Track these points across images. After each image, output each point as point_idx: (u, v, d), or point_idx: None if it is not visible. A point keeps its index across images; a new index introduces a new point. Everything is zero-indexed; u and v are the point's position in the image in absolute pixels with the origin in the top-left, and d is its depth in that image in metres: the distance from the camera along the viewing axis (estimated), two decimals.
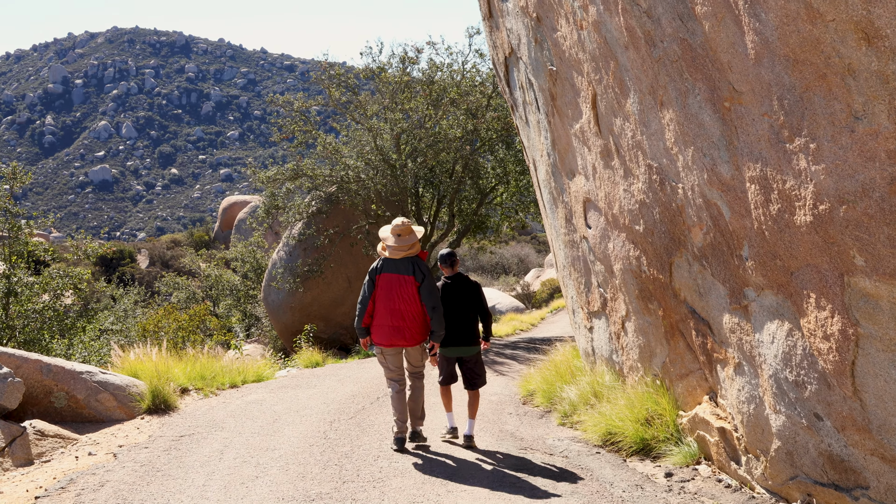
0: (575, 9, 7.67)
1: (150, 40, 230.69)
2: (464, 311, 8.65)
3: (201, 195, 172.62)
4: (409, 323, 8.23)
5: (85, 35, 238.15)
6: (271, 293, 27.10)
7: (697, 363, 7.37)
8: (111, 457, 8.30)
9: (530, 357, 16.64)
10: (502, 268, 54.64)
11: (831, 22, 4.12)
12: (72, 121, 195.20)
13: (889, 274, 4.30)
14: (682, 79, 5.88)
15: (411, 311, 8.21)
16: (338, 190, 24.16)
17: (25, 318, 16.44)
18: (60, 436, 8.98)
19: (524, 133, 11.81)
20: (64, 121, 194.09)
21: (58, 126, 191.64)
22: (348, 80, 25.14)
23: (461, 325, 8.59)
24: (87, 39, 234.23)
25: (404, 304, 8.19)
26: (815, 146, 4.51)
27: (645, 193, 7.29)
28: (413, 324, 8.24)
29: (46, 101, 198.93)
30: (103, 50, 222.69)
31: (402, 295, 8.20)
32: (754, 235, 5.48)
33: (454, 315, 8.56)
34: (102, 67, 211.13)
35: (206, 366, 13.01)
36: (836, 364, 4.89)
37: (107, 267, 49.50)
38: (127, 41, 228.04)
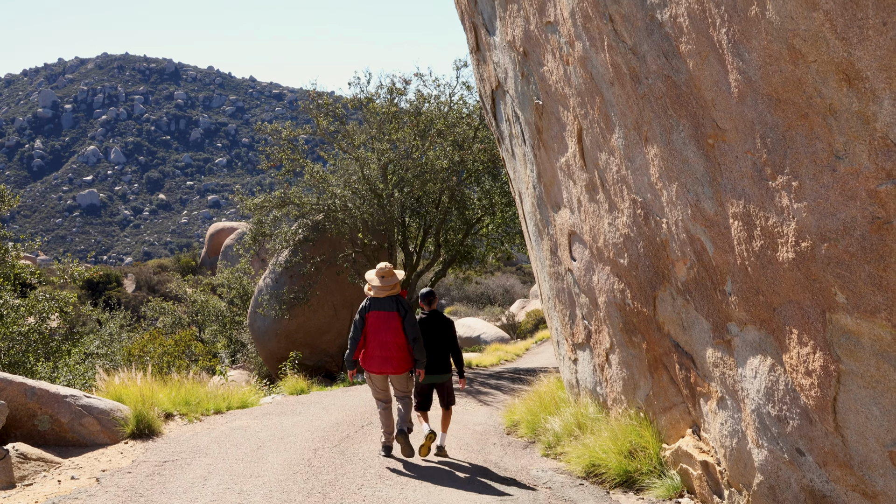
0: (561, 44, 7.74)
1: (139, 67, 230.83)
2: (437, 344, 9.80)
3: (189, 221, 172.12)
4: (396, 353, 9.28)
5: (75, 61, 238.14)
6: (257, 320, 26.98)
7: (681, 396, 7.37)
8: (94, 481, 8.21)
9: (515, 387, 16.60)
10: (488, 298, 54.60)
11: (813, 63, 4.16)
12: (61, 145, 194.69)
13: (870, 311, 4.32)
14: (667, 115, 5.93)
15: (397, 343, 9.29)
16: (325, 218, 24.15)
17: (10, 341, 16.31)
18: (43, 459, 8.87)
19: (510, 165, 11.86)
20: (53, 145, 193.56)
21: (46, 150, 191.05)
22: (336, 110, 25.19)
23: (435, 356, 9.74)
24: (77, 65, 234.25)
25: (392, 336, 9.27)
26: (798, 184, 4.54)
27: (629, 227, 7.31)
28: (399, 353, 9.29)
29: (36, 126, 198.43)
30: (93, 75, 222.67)
31: (388, 328, 9.28)
32: (737, 271, 5.50)
33: (429, 347, 9.68)
34: (92, 93, 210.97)
35: (191, 391, 12.92)
36: (818, 400, 4.90)
37: (93, 291, 49.19)
38: (117, 67, 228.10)
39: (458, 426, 12.04)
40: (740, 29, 4.60)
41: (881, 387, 4.46)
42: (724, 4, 4.70)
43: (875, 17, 3.77)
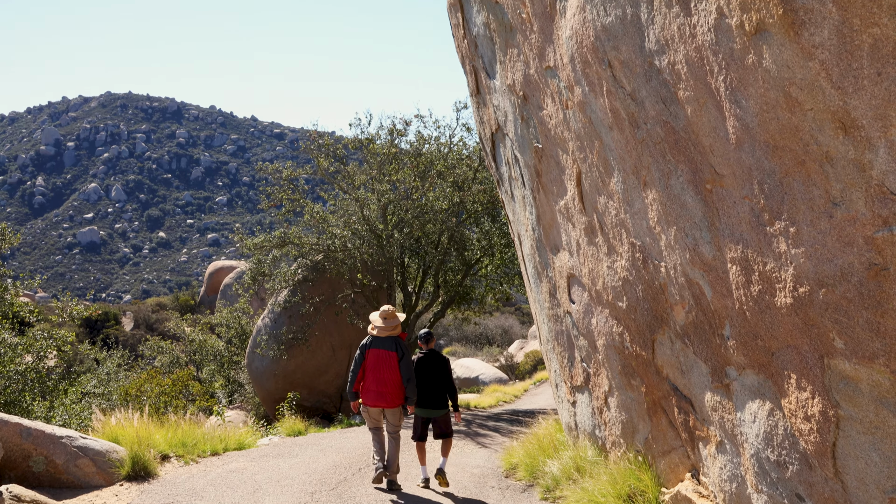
0: (561, 89, 7.81)
1: (142, 105, 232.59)
2: (434, 381, 10.65)
3: (188, 259, 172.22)
4: (391, 389, 10.17)
5: (79, 99, 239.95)
6: (255, 360, 26.89)
7: (680, 440, 7.33)
8: None
9: (513, 430, 16.51)
10: (486, 338, 54.47)
11: (809, 111, 4.20)
12: (62, 182, 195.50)
13: (868, 357, 4.32)
14: (665, 160, 5.97)
15: (393, 380, 10.19)
16: (324, 258, 24.17)
17: (7, 380, 16.23)
18: (37, 501, 8.79)
19: (510, 207, 11.90)
20: (55, 182, 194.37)
21: (48, 187, 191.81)
22: (337, 150, 25.32)
23: (432, 392, 10.61)
24: (80, 103, 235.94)
25: (388, 374, 10.17)
26: (795, 230, 4.56)
27: (628, 271, 7.33)
28: (393, 390, 10.20)
29: (38, 163, 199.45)
30: (96, 114, 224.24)
31: (386, 366, 10.18)
32: (736, 315, 5.50)
33: (426, 383, 10.60)
34: (95, 131, 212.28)
35: (188, 432, 12.84)
36: (818, 445, 4.88)
37: (91, 329, 49.06)
38: (120, 106, 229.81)
39: (455, 468, 11.95)
40: (738, 77, 4.65)
41: (880, 433, 4.45)
42: (721, 53, 4.75)
43: (870, 67, 3.81)
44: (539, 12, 7.87)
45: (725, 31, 4.66)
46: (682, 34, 5.21)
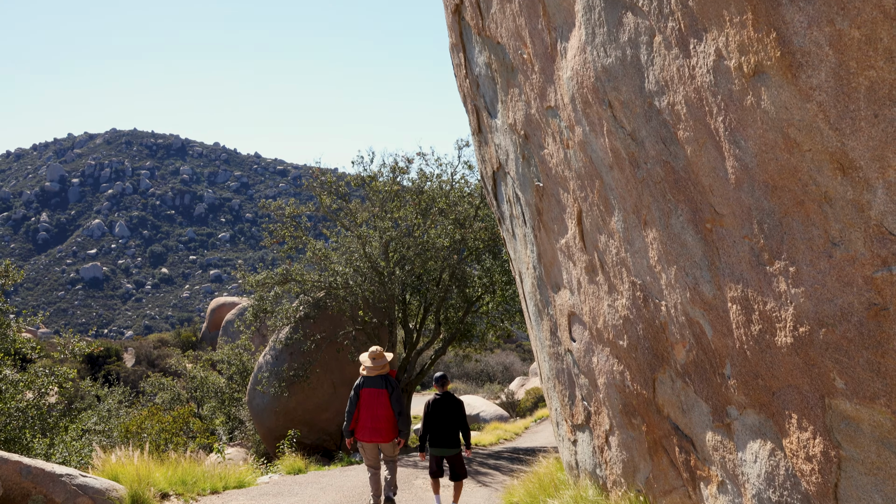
0: (561, 128, 7.85)
1: (147, 142, 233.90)
2: (449, 422, 11.24)
3: (190, 295, 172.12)
4: (384, 424, 10.81)
5: (84, 136, 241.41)
6: (256, 397, 26.77)
7: (681, 480, 7.27)
8: None
9: (514, 468, 16.40)
10: (487, 375, 54.25)
11: (808, 152, 4.22)
12: (66, 218, 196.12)
13: (869, 398, 4.30)
14: (665, 199, 5.98)
15: (386, 415, 10.82)
16: (326, 295, 24.15)
17: (8, 416, 16.17)
18: None
19: (511, 245, 11.91)
20: (59, 218, 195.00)
21: (52, 223, 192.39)
22: (339, 188, 25.40)
23: (446, 433, 11.22)
24: (85, 140, 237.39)
25: (381, 410, 10.81)
26: (795, 270, 4.56)
27: (629, 309, 7.32)
28: (386, 425, 10.82)
29: (43, 199, 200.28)
30: (101, 150, 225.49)
31: (379, 403, 10.81)
32: (736, 354, 5.49)
33: (441, 425, 11.24)
34: (99, 167, 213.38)
35: (188, 470, 12.76)
36: (819, 486, 4.84)
37: (93, 365, 48.90)
38: (125, 142, 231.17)
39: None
40: (737, 118, 4.68)
41: (882, 474, 4.42)
42: (720, 94, 4.79)
43: (867, 109, 3.84)
44: (540, 53, 7.94)
45: (724, 73, 4.70)
46: (681, 75, 5.25)
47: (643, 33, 5.69)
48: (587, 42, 6.60)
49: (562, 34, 7.25)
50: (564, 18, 7.13)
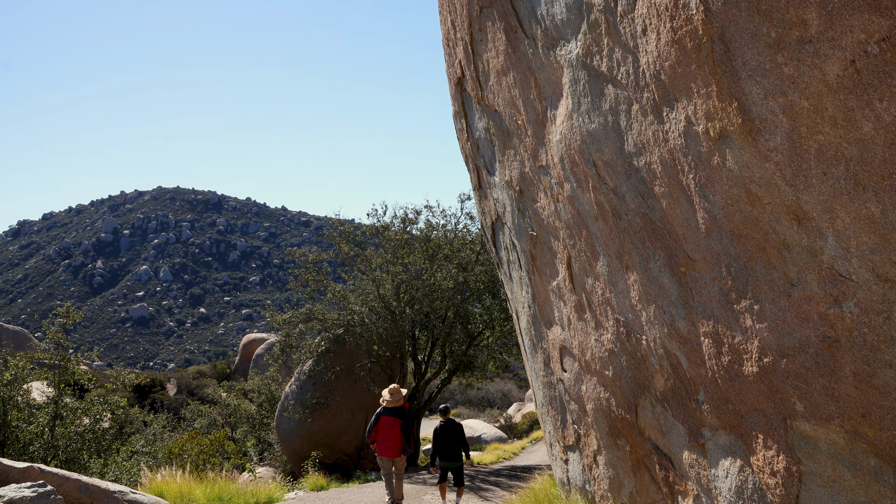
0: (552, 185, 7.91)
1: (188, 198, 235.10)
2: (453, 442, 12.90)
3: (225, 332, 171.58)
4: (394, 444, 12.53)
5: (134, 193, 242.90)
6: (283, 422, 26.59)
7: (661, 494, 7.21)
8: None
9: (512, 484, 16.24)
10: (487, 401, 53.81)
11: (767, 204, 4.27)
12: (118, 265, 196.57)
13: (825, 419, 4.30)
14: (644, 246, 6.02)
15: (396, 438, 12.54)
16: (344, 332, 24.11)
17: (68, 440, 16.13)
18: None
19: (508, 287, 11.92)
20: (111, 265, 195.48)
21: (106, 269, 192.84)
22: (356, 237, 25.48)
23: (451, 450, 12.91)
24: (135, 196, 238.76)
25: (394, 434, 12.54)
26: (759, 307, 4.58)
27: (613, 343, 7.32)
28: (395, 445, 12.55)
29: (98, 248, 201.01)
30: (149, 205, 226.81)
31: (392, 429, 12.55)
32: (709, 382, 5.48)
33: (447, 444, 12.91)
34: (147, 220, 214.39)
35: (224, 487, 12.66)
36: (783, 498, 4.81)
37: (140, 394, 48.59)
38: (169, 198, 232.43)
39: None
40: (705, 175, 4.73)
41: (837, 486, 4.40)
42: (691, 154, 4.85)
43: (817, 167, 3.89)
44: (532, 119, 8.03)
45: (693, 137, 4.76)
46: (656, 139, 5.32)
47: (622, 102, 5.77)
48: (573, 110, 6.69)
49: (551, 103, 7.34)
50: (553, 90, 7.22)
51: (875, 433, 4.06)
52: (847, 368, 4.07)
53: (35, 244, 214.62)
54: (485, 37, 9.12)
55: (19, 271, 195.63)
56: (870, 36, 3.58)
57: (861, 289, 3.89)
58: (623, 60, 5.54)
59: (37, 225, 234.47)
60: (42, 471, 9.65)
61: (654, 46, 4.94)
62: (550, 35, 6.90)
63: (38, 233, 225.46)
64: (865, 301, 3.89)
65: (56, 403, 16.22)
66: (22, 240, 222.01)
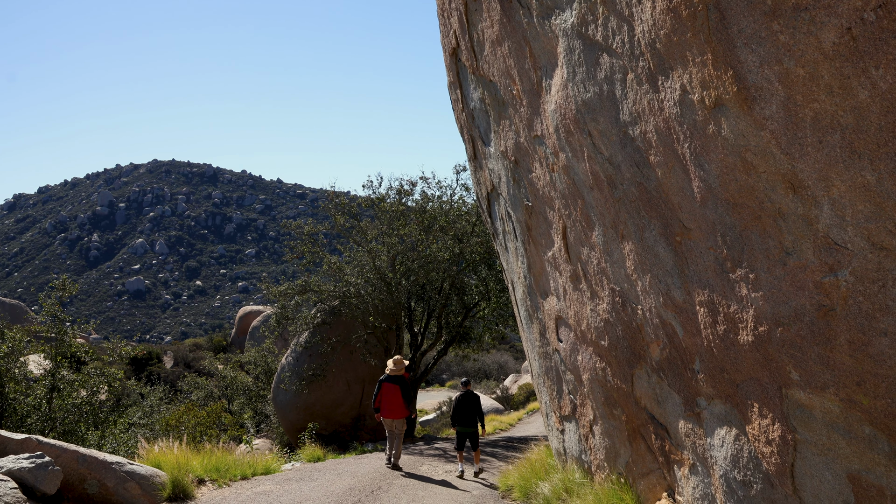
0: (547, 155, 7.88)
1: (183, 170, 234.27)
2: (470, 410, 14.18)
3: (221, 304, 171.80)
4: (396, 408, 14.22)
5: (129, 166, 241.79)
6: (279, 394, 26.68)
7: (657, 463, 7.27)
8: None
9: (508, 455, 16.36)
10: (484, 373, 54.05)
11: (763, 173, 4.25)
12: (114, 238, 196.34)
13: (820, 387, 4.31)
14: (640, 216, 6.01)
15: (398, 402, 14.22)
16: (340, 304, 24.12)
17: (65, 412, 16.18)
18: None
19: (504, 258, 11.93)
20: (107, 238, 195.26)
21: (102, 243, 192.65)
22: (351, 209, 25.39)
23: (468, 417, 14.18)
24: (131, 169, 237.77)
25: (395, 398, 14.23)
26: (754, 276, 4.58)
27: (609, 313, 7.33)
28: (398, 408, 14.21)
29: (94, 222, 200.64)
30: (144, 178, 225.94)
31: (394, 394, 14.23)
32: (704, 352, 5.50)
33: (465, 412, 14.18)
34: (142, 193, 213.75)
35: (221, 459, 12.72)
36: (778, 466, 4.85)
37: (137, 366, 48.67)
38: (164, 171, 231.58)
39: (458, 490, 11.83)
40: (701, 144, 4.71)
41: (832, 454, 4.43)
42: (686, 123, 4.81)
43: (812, 136, 3.87)
44: (527, 89, 7.97)
45: (689, 105, 4.73)
46: (651, 108, 5.28)
47: (617, 71, 5.73)
48: (569, 79, 6.64)
49: (546, 73, 7.29)
50: (548, 59, 7.16)
51: (870, 401, 4.07)
52: (842, 337, 4.07)
53: (31, 218, 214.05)
54: (479, 6, 9.03)
55: (15, 245, 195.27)
56: (866, 3, 3.54)
57: (856, 257, 3.89)
58: (618, 29, 5.49)
59: (32, 198, 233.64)
60: (40, 442, 9.69)
61: (649, 15, 4.89)
62: (545, 4, 6.82)
63: (34, 206, 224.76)
64: (861, 269, 3.89)
65: (53, 376, 16.26)
66: (18, 213, 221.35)
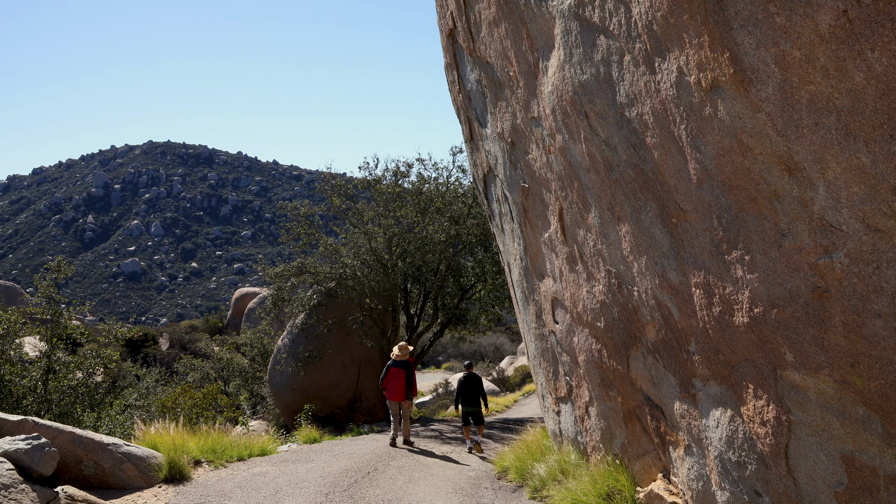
0: (544, 136, 7.87)
1: (179, 152, 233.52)
2: (474, 391, 15.30)
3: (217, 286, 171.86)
4: (400, 391, 15.04)
5: (125, 147, 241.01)
6: (276, 375, 26.75)
7: (652, 444, 7.32)
8: None
9: (505, 436, 16.45)
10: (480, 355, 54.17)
11: (759, 155, 4.26)
12: (109, 220, 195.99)
13: (814, 368, 4.34)
14: (636, 198, 6.01)
15: (402, 385, 15.04)
16: (336, 285, 24.15)
17: (61, 393, 16.21)
18: (88, 501, 8.74)
19: (500, 240, 11.93)
20: (102, 220, 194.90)
21: (97, 224, 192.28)
22: (348, 190, 25.36)
23: (472, 397, 15.28)
24: (126, 151, 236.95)
25: (400, 382, 15.05)
26: (750, 258, 4.60)
27: (605, 295, 7.35)
28: (402, 391, 15.05)
29: (89, 203, 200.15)
30: (139, 160, 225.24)
31: (399, 377, 15.09)
32: (700, 333, 5.52)
33: (469, 392, 15.31)
34: (137, 175, 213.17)
35: (217, 440, 12.76)
36: (773, 447, 4.88)
37: (133, 348, 48.71)
38: (160, 152, 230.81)
39: (453, 471, 11.89)
40: (697, 126, 4.71)
41: (826, 435, 4.46)
42: (682, 105, 4.81)
43: (808, 118, 3.87)
44: (524, 71, 7.95)
45: (685, 87, 4.72)
46: (648, 89, 5.28)
47: (614, 53, 5.72)
48: (565, 61, 6.62)
49: (543, 54, 7.27)
50: (545, 41, 7.14)
51: (863, 382, 4.10)
52: (837, 318, 4.09)
53: (25, 199, 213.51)
54: None
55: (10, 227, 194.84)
56: None
57: (851, 239, 3.90)
58: (615, 10, 5.47)
59: (27, 180, 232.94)
60: (36, 423, 9.72)
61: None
62: None
63: (29, 188, 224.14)
64: (855, 251, 3.90)
65: (49, 358, 16.27)
66: (12, 195, 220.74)
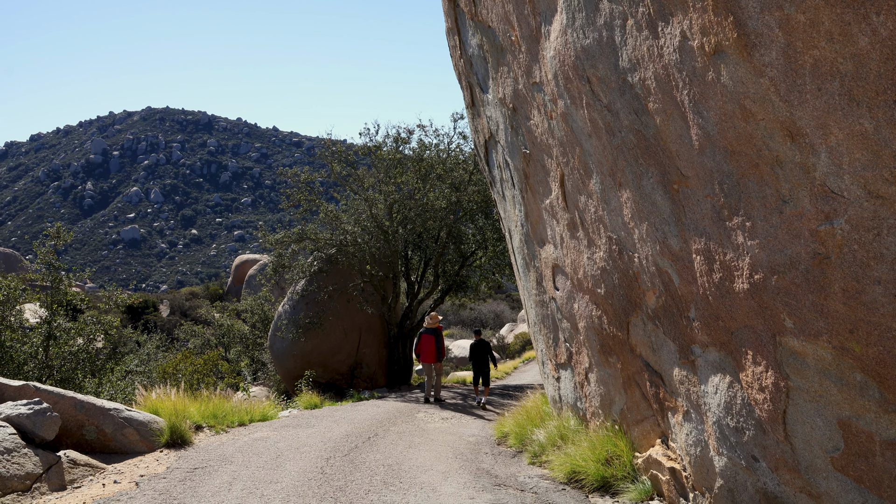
0: (546, 102, 7.84)
1: (178, 118, 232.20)
2: (482, 355, 17.04)
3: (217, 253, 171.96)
4: (432, 354, 17.45)
5: (123, 113, 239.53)
6: (276, 342, 26.88)
7: (651, 410, 7.38)
8: (133, 485, 8.19)
9: (504, 403, 16.56)
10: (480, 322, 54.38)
11: (761, 121, 4.24)
12: (108, 187, 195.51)
13: (813, 335, 4.36)
14: (638, 164, 6.01)
15: (433, 349, 17.43)
16: (337, 252, 24.17)
17: (62, 360, 16.32)
18: (90, 465, 8.85)
19: (501, 206, 11.93)
20: (102, 186, 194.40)
21: (96, 191, 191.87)
22: (348, 156, 25.29)
23: (481, 361, 17.03)
24: (124, 117, 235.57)
25: (431, 346, 17.40)
26: (751, 224, 4.60)
27: (606, 261, 7.37)
28: (433, 354, 17.45)
29: (88, 170, 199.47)
30: (138, 126, 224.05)
31: (430, 342, 17.40)
32: (700, 300, 5.54)
33: (479, 355, 17.03)
34: (136, 141, 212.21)
35: (218, 405, 12.86)
36: (770, 413, 4.93)
37: (133, 315, 48.91)
38: (158, 119, 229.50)
39: (453, 437, 12.00)
40: (699, 91, 4.69)
41: (823, 401, 4.50)
42: (685, 70, 4.79)
43: (812, 83, 3.85)
44: (526, 35, 7.90)
45: (688, 52, 4.70)
46: (650, 54, 5.25)
47: (617, 17, 5.67)
48: (568, 25, 6.57)
49: (545, 18, 7.21)
50: (548, 4, 7.08)
51: (862, 349, 4.13)
52: (836, 285, 4.11)
53: (23, 166, 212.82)
54: None
55: (8, 193, 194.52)
56: None
57: (852, 205, 3.91)
58: None
59: (25, 146, 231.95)
60: (38, 388, 9.80)
61: None
62: None
63: (27, 154, 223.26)
64: (856, 218, 3.91)
65: (49, 324, 16.35)
66: (10, 161, 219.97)
